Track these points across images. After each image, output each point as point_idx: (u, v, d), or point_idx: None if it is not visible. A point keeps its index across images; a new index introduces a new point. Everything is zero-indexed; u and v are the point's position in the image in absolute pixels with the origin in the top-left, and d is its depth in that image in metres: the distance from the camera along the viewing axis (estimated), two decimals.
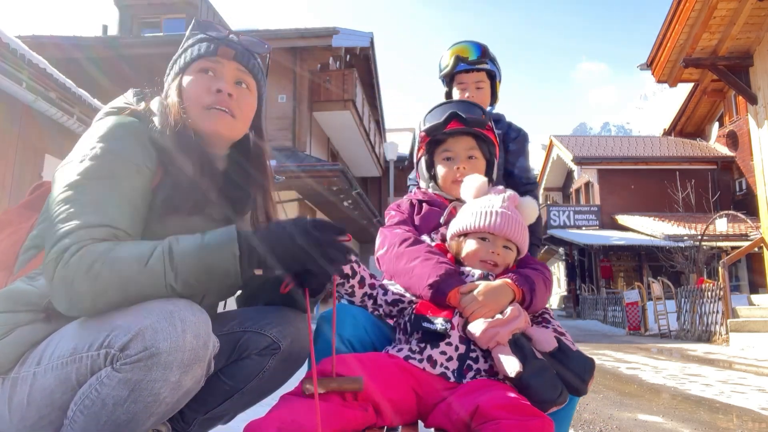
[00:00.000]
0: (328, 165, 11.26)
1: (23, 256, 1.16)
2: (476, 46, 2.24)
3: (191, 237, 1.04)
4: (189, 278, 1.00)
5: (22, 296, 1.07)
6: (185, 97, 1.22)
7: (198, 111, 1.21)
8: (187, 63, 1.26)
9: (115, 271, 0.96)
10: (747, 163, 17.24)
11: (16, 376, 1.02)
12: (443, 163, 1.60)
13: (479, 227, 1.35)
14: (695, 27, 7.98)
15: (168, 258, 0.99)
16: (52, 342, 1.03)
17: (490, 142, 1.61)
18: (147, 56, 11.41)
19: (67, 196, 1.03)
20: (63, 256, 0.96)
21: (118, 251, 0.98)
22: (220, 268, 1.01)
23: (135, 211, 1.08)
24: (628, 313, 12.79)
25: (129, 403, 0.95)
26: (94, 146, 1.09)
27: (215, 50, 1.25)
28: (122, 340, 0.94)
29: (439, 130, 1.57)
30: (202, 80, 1.23)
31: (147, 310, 0.96)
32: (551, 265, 32.38)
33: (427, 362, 1.21)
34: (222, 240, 1.03)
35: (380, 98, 19.22)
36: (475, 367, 1.21)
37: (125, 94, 1.26)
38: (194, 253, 1.01)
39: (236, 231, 1.04)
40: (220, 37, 1.27)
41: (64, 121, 5.65)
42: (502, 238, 1.36)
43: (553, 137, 24.38)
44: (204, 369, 1.01)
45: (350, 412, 1.07)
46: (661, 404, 3.78)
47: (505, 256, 1.37)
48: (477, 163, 1.60)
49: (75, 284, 0.95)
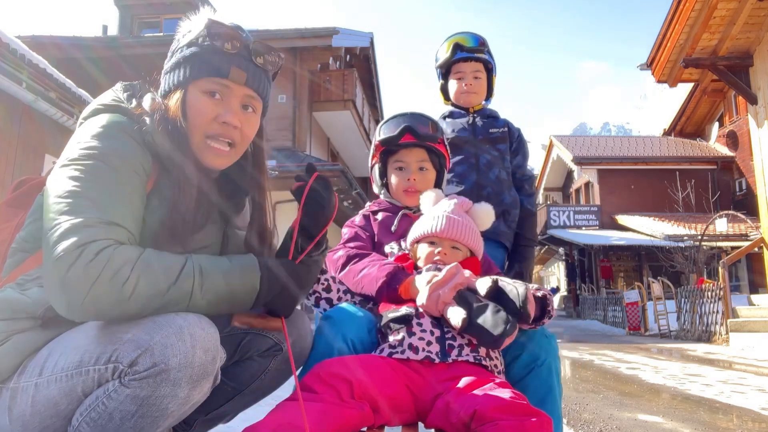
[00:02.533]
0: (328, 165, 11.26)
1: (11, 259, 1.10)
2: (474, 36, 2.25)
3: (218, 259, 1.04)
4: (212, 300, 1.00)
5: (15, 304, 1.03)
6: (188, 116, 1.14)
7: (199, 138, 1.14)
8: (194, 76, 1.14)
9: (143, 281, 0.92)
10: (747, 163, 17.24)
11: (15, 386, 1.00)
12: (395, 172, 1.71)
13: (425, 233, 1.47)
14: (695, 27, 7.99)
15: (199, 277, 0.98)
16: (55, 352, 0.99)
17: (440, 154, 1.72)
18: (147, 56, 11.41)
19: (70, 189, 0.96)
20: (83, 253, 0.89)
21: (147, 257, 0.95)
22: (239, 297, 1.03)
23: (137, 214, 1.04)
24: (628, 313, 12.80)
25: (137, 418, 0.93)
26: (92, 145, 1.03)
27: (227, 72, 1.13)
28: (131, 356, 0.91)
29: (393, 142, 1.68)
30: (208, 104, 1.14)
31: (156, 323, 0.93)
32: (551, 265, 32.40)
33: (409, 351, 1.23)
34: (246, 266, 1.05)
35: (380, 98, 19.22)
36: (457, 344, 1.25)
37: (114, 89, 1.19)
38: (222, 277, 1.01)
39: (257, 262, 1.07)
40: (233, 56, 1.14)
41: (64, 121, 5.65)
42: (448, 239, 1.46)
43: (553, 137, 24.38)
44: (211, 382, 1.00)
45: (347, 412, 1.07)
46: (661, 404, 3.78)
47: (453, 256, 1.45)
48: (427, 174, 1.71)
49: (94, 289, 0.89)
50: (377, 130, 1.75)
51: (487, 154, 2.18)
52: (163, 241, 1.06)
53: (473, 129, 2.21)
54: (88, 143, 1.04)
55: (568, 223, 20.69)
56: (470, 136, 2.19)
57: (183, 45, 1.17)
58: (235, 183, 1.27)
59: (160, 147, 1.10)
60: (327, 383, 1.11)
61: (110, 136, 1.06)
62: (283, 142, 12.22)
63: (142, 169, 1.07)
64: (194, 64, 1.14)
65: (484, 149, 2.18)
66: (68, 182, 0.98)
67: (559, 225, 20.68)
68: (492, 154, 2.18)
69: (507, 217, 2.16)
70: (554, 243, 22.64)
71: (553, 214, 20.93)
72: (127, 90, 1.19)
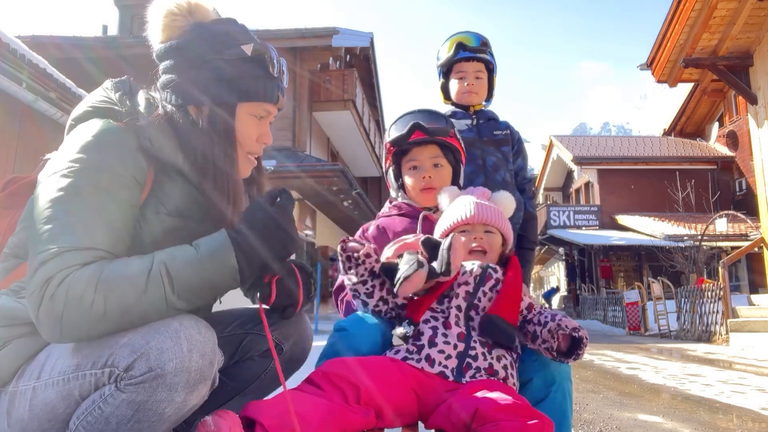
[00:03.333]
0: (328, 165, 11.27)
1: (3, 264, 1.10)
2: (477, 36, 2.24)
3: (184, 252, 0.99)
4: (191, 297, 0.98)
5: (11, 312, 1.03)
6: (236, 134, 1.17)
7: (243, 155, 1.20)
8: (245, 98, 1.16)
9: (111, 298, 0.91)
10: (747, 163, 17.24)
11: (14, 389, 1.00)
12: (409, 172, 1.66)
13: (456, 222, 1.42)
14: (695, 27, 7.99)
15: (167, 280, 0.95)
16: (52, 355, 0.99)
17: (454, 148, 1.67)
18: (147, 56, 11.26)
19: (49, 215, 0.96)
20: (47, 289, 0.90)
21: (108, 276, 0.92)
22: (221, 282, 1.00)
23: (121, 228, 1.02)
24: (628, 313, 12.80)
25: (133, 422, 0.93)
26: (80, 158, 1.01)
27: (276, 99, 1.22)
28: (127, 361, 0.90)
29: (403, 141, 1.62)
30: (254, 127, 1.20)
31: (152, 327, 0.93)
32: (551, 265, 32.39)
33: (425, 362, 1.20)
34: (217, 251, 1.00)
35: (380, 98, 19.23)
36: (475, 365, 1.21)
37: (104, 87, 1.17)
38: (193, 272, 0.97)
39: (229, 239, 1.01)
40: (279, 81, 1.22)
41: (64, 121, 5.64)
42: (480, 224, 1.41)
43: (553, 137, 24.37)
44: (209, 386, 1.00)
45: (351, 416, 1.07)
46: (661, 404, 3.78)
47: (490, 240, 1.41)
48: (442, 170, 1.65)
49: (65, 317, 0.90)
50: (387, 131, 1.71)
51: (492, 156, 2.18)
52: (196, 228, 1.08)
53: (478, 130, 2.20)
54: (77, 156, 1.02)
55: (568, 223, 20.69)
56: (475, 137, 2.17)
57: (221, 58, 1.14)
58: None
59: (159, 151, 1.08)
60: (334, 384, 1.11)
61: (100, 146, 1.03)
62: (283, 142, 12.22)
63: (133, 179, 1.04)
64: (245, 86, 1.16)
65: (489, 151, 2.18)
66: (48, 204, 0.97)
67: (559, 225, 20.68)
68: (497, 156, 2.18)
69: (512, 219, 2.17)
70: (554, 243, 22.63)
71: (553, 214, 20.93)
72: (119, 89, 1.16)
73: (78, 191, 0.98)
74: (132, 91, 1.17)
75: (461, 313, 1.26)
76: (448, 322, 1.25)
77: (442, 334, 1.23)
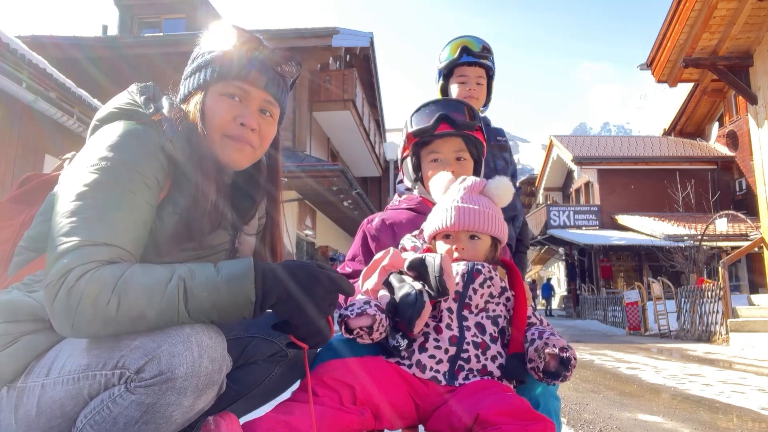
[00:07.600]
0: (328, 165, 11.24)
1: (18, 257, 1.11)
2: (479, 41, 2.26)
3: (206, 270, 0.98)
4: (201, 316, 0.97)
5: (23, 307, 1.04)
6: (207, 117, 1.15)
7: (218, 138, 1.16)
8: (213, 79, 1.16)
9: (124, 304, 0.92)
10: (747, 163, 17.24)
11: (22, 386, 1.00)
12: (431, 165, 1.56)
13: (438, 229, 1.33)
14: (695, 27, 7.99)
15: (182, 297, 0.95)
16: (62, 354, 1.00)
17: (478, 142, 1.58)
18: (147, 56, 11.42)
19: (72, 208, 0.98)
20: (65, 281, 0.91)
21: (127, 280, 0.93)
22: (235, 309, 0.99)
23: (141, 228, 1.03)
24: (628, 313, 12.79)
25: (140, 424, 0.93)
26: (105, 156, 1.03)
27: (247, 75, 1.16)
28: (138, 363, 0.91)
29: (428, 133, 1.54)
30: (227, 106, 1.16)
31: (164, 331, 0.94)
32: (551, 265, 32.38)
33: (416, 367, 1.19)
34: (239, 280, 0.98)
35: (380, 98, 19.22)
36: (467, 368, 1.19)
37: (130, 91, 1.19)
38: (210, 294, 0.96)
39: (254, 272, 0.99)
40: (254, 61, 1.17)
41: (64, 121, 5.65)
42: (463, 231, 1.31)
43: (553, 137, 24.37)
44: (216, 391, 1.00)
45: (347, 417, 1.06)
46: (661, 404, 3.78)
47: (475, 247, 1.31)
48: (466, 164, 1.57)
49: (79, 312, 0.91)
50: (407, 119, 1.61)
51: (500, 160, 2.21)
52: (182, 240, 1.07)
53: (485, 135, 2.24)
54: (103, 154, 1.04)
55: (568, 223, 20.69)
56: None
57: (204, 51, 1.19)
58: (246, 191, 1.26)
59: (179, 152, 1.09)
60: (330, 387, 1.10)
61: (125, 146, 1.05)
62: (283, 142, 12.01)
63: (154, 180, 1.06)
64: (214, 67, 1.16)
65: (496, 155, 2.21)
66: (73, 197, 0.99)
67: (559, 225, 20.68)
68: (503, 160, 2.22)
69: (515, 222, 2.20)
70: (554, 243, 22.63)
71: (553, 214, 20.93)
72: (143, 93, 1.18)
73: (102, 187, 1.00)
74: (156, 96, 1.20)
75: (453, 314, 1.24)
76: (439, 326, 1.22)
77: (434, 339, 1.21)
